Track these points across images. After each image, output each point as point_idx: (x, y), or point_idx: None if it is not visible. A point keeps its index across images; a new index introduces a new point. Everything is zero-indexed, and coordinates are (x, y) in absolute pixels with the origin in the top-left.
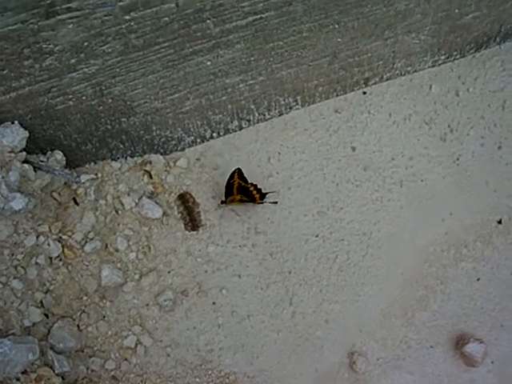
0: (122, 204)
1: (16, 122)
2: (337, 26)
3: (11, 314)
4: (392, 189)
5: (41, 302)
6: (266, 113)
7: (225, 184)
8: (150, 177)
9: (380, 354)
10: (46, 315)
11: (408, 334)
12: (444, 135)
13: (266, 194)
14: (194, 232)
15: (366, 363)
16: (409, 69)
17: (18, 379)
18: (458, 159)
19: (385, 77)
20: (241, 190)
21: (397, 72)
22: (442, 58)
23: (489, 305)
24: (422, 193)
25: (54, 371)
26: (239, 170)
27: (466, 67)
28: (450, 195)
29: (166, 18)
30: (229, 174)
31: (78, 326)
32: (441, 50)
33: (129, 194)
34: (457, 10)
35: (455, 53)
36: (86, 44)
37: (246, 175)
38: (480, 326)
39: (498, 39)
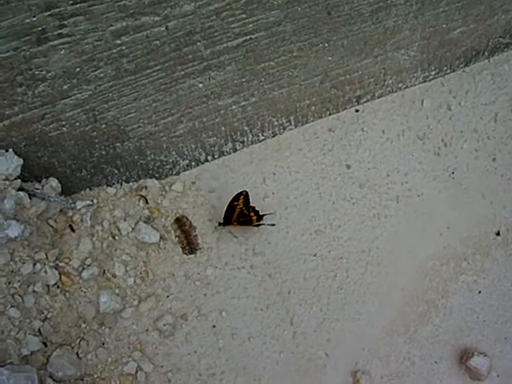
0: (119, 229)
1: (10, 149)
2: (326, 45)
3: (9, 343)
4: (388, 205)
5: (39, 330)
6: (260, 134)
7: (227, 204)
8: (146, 201)
9: (384, 372)
10: (45, 343)
11: (411, 350)
12: (438, 150)
13: (263, 215)
14: (192, 255)
15: (369, 381)
16: (400, 85)
17: None
18: (452, 173)
19: (376, 94)
20: (241, 216)
21: (388, 89)
22: (433, 73)
23: (491, 317)
24: (418, 208)
25: None
26: (246, 194)
27: (456, 81)
28: (447, 209)
29: (157, 42)
30: (233, 195)
31: (77, 353)
32: (431, 65)
33: (125, 220)
34: (444, 26)
35: (445, 68)
36: (78, 69)
37: (251, 200)
38: (484, 339)
39: (486, 53)
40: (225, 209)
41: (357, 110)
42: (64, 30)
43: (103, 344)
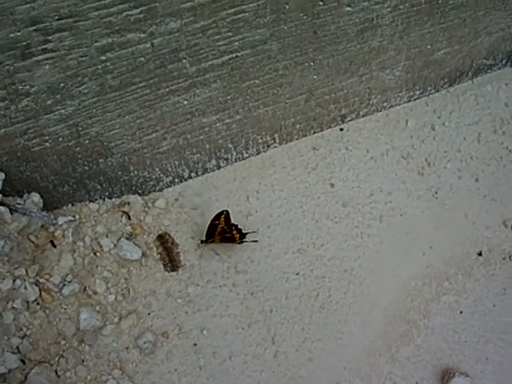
0: (101, 246)
1: None
2: (312, 64)
3: None
4: (372, 224)
5: (17, 347)
6: (244, 151)
7: (208, 223)
8: (129, 218)
9: None
10: (23, 361)
11: (392, 370)
12: (422, 169)
13: (246, 233)
14: (174, 273)
15: None
16: (385, 104)
17: None
18: (436, 193)
19: (361, 113)
20: (223, 235)
21: (373, 108)
22: (417, 93)
23: (473, 338)
24: (401, 227)
25: None
26: (227, 213)
27: (440, 102)
28: (430, 229)
29: (142, 58)
30: (214, 214)
31: (55, 371)
32: (415, 85)
33: (107, 236)
34: (429, 46)
35: (430, 88)
36: (62, 85)
37: (231, 219)
38: (465, 359)
39: (470, 74)
40: (206, 228)
41: (341, 129)
42: (49, 45)
43: (83, 361)
